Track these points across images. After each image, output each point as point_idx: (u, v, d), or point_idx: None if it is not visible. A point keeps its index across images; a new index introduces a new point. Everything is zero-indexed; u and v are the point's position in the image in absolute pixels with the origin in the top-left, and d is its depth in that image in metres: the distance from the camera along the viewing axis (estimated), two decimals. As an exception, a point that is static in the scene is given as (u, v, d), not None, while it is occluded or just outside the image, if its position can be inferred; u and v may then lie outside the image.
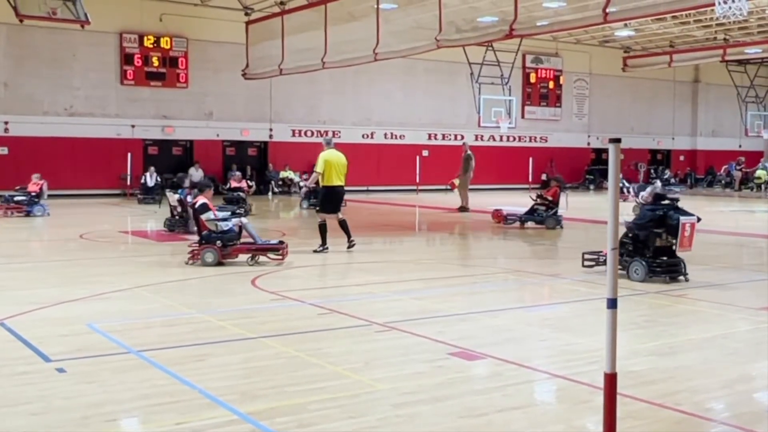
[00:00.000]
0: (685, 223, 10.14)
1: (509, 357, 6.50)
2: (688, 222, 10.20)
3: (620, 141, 4.09)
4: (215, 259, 11.55)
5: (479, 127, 34.94)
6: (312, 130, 32.28)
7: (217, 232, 11.77)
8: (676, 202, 10.66)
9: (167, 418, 4.98)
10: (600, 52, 37.86)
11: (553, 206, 17.80)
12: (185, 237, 15.05)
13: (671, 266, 10.37)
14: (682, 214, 10.33)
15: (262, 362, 6.38)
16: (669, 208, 10.43)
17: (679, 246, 10.20)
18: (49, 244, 14.71)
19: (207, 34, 29.48)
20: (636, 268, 10.32)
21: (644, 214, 10.56)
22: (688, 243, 10.19)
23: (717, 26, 30.54)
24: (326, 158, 13.26)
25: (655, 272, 10.22)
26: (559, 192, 18.08)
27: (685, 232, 10.14)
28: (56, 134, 27.37)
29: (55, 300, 8.78)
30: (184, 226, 15.55)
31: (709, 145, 43.25)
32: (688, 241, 10.18)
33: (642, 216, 10.62)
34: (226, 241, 11.72)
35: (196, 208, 11.99)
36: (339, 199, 13.60)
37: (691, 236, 10.18)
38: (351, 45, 22.42)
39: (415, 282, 10.96)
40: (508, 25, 18.41)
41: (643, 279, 10.17)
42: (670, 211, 10.33)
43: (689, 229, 10.16)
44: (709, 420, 5.17)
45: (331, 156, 13.32)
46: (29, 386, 5.63)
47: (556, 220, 17.64)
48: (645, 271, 10.19)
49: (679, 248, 10.22)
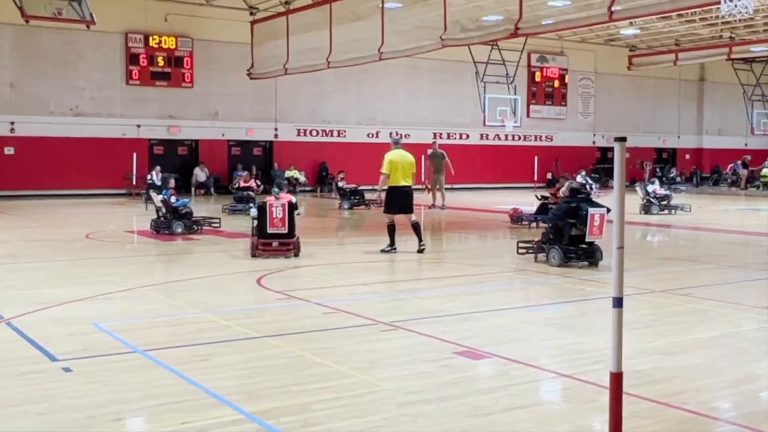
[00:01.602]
0: (593, 214, 11.29)
1: (515, 356, 6.50)
2: (597, 213, 11.36)
3: (626, 140, 4.08)
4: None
5: (484, 126, 34.92)
6: (317, 129, 32.30)
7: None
8: (588, 196, 12.21)
9: (173, 418, 4.99)
10: (605, 50, 37.79)
11: None
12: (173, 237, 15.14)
13: (586, 252, 11.56)
14: (593, 206, 11.52)
15: (268, 362, 6.39)
16: (582, 201, 11.63)
17: (589, 234, 11.31)
18: (55, 244, 14.75)
19: (212, 34, 29.51)
20: (553, 254, 11.59)
21: (560, 207, 11.81)
22: (597, 231, 11.36)
23: (723, 24, 30.45)
24: (391, 158, 12.96)
25: (569, 258, 11.44)
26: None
27: (594, 222, 11.29)
28: (62, 134, 27.43)
29: (61, 300, 8.80)
30: (168, 227, 15.54)
31: (715, 143, 43.14)
32: (598, 229, 11.34)
33: (558, 208, 11.90)
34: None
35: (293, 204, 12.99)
36: (404, 200, 13.12)
37: (601, 225, 11.32)
38: (356, 45, 22.42)
39: (420, 281, 10.96)
40: (513, 24, 18.38)
41: (559, 264, 11.38)
42: (582, 204, 11.50)
43: (598, 219, 11.32)
44: (714, 419, 5.16)
45: (395, 156, 13.01)
46: (35, 386, 5.65)
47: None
48: (560, 256, 11.39)
49: (589, 236, 11.32)
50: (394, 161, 12.95)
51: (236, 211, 20.67)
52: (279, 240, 12.46)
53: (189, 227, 15.67)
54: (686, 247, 15.81)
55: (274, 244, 12.45)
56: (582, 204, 11.55)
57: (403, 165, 13.00)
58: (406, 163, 13.05)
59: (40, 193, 26.45)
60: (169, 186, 16.24)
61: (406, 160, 13.07)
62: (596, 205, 11.63)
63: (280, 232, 12.39)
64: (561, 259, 11.35)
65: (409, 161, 13.11)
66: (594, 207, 11.50)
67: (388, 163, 12.93)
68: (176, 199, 15.83)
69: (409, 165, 13.10)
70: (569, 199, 11.81)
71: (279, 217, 12.40)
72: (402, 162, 13.01)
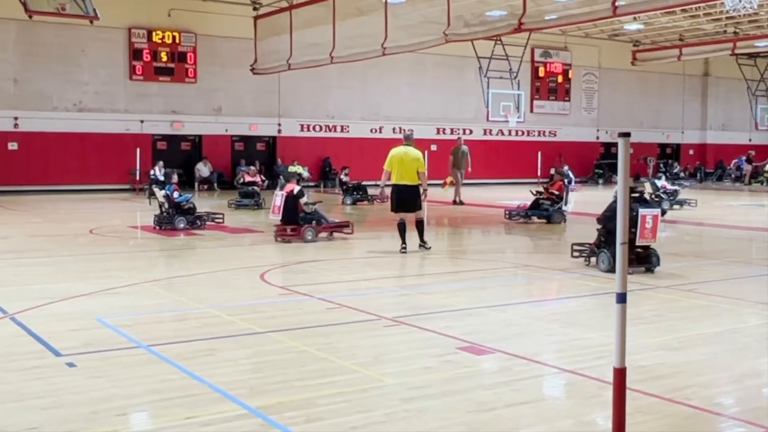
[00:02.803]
0: (645, 215, 10.37)
1: (518, 352, 6.50)
2: (650, 214, 10.46)
3: (629, 135, 4.07)
4: (314, 236, 13.78)
5: (488, 122, 34.88)
6: (320, 124, 32.28)
7: (310, 213, 14.01)
8: (642, 195, 11.13)
9: (177, 413, 5.00)
10: (609, 45, 37.71)
11: (558, 200, 17.53)
12: (176, 233, 15.15)
13: (640, 258, 10.60)
14: (646, 206, 10.67)
15: (271, 357, 6.39)
16: (633, 201, 10.51)
17: (640, 237, 10.36)
18: (58, 239, 14.76)
19: (215, 30, 29.49)
20: (602, 258, 10.73)
21: (610, 207, 10.83)
22: (650, 234, 10.44)
23: (727, 19, 30.36)
24: (391, 155, 12.65)
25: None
26: (563, 186, 17.86)
27: (646, 224, 10.37)
28: (66, 130, 27.46)
29: (65, 295, 8.82)
30: (170, 222, 15.55)
31: (719, 139, 43.05)
32: (651, 232, 10.42)
33: (607, 209, 10.92)
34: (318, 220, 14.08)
35: (295, 194, 13.85)
36: (402, 198, 12.63)
37: (654, 228, 10.42)
38: (359, 40, 22.38)
39: (423, 277, 10.96)
40: (517, 20, 18.33)
41: (607, 269, 10.42)
42: (633, 204, 10.35)
43: (651, 221, 10.40)
44: (718, 415, 5.16)
45: (396, 152, 12.63)
46: (40, 381, 5.66)
47: (562, 214, 17.45)
48: (609, 261, 10.45)
49: (640, 239, 10.38)
50: (393, 158, 12.63)
51: (242, 206, 20.70)
52: (288, 227, 13.80)
53: (192, 222, 15.68)
54: (690, 243, 15.79)
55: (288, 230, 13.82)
56: (633, 204, 10.37)
57: (402, 162, 12.54)
58: (407, 160, 12.56)
59: (44, 189, 26.49)
60: (172, 181, 16.25)
61: (407, 157, 12.58)
62: (649, 206, 10.95)
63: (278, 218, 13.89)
64: (609, 264, 10.44)
65: (411, 158, 12.57)
66: (646, 207, 10.70)
67: (388, 159, 12.70)
68: (179, 195, 15.85)
69: (411, 162, 12.56)
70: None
71: (277, 205, 13.95)
72: (399, 159, 12.57)
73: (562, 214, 17.46)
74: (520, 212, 18.09)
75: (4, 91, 26.72)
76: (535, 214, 17.68)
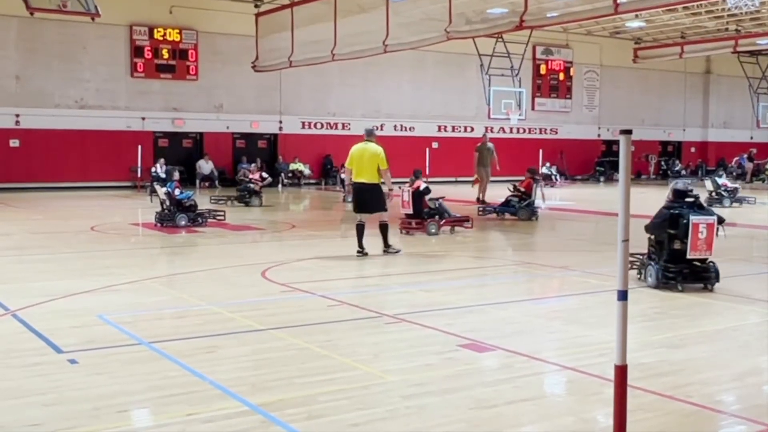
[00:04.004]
0: (697, 224, 8.97)
1: (519, 349, 6.50)
2: (703, 222, 9.02)
3: (631, 132, 4.05)
4: (437, 229, 14.79)
5: (489, 119, 34.84)
6: (322, 122, 32.28)
7: (434, 208, 15.03)
8: (697, 200, 9.54)
9: (178, 410, 5.00)
10: (611, 43, 37.66)
11: (526, 198, 18.07)
12: (177, 230, 15.15)
13: (695, 272, 9.27)
14: (699, 213, 9.20)
15: (272, 354, 6.40)
16: (688, 207, 9.29)
17: (692, 249, 9.03)
18: (60, 236, 14.77)
19: (217, 27, 29.49)
20: (650, 272, 9.45)
21: (660, 213, 9.48)
22: (704, 246, 9.04)
23: (729, 17, 30.31)
24: (350, 151, 12.10)
25: (668, 278, 9.19)
26: (532, 184, 18.31)
27: (699, 234, 8.95)
28: (67, 127, 27.46)
29: (67, 291, 8.83)
30: (171, 219, 15.55)
31: (721, 136, 43.01)
32: (705, 244, 9.03)
33: (657, 215, 9.55)
34: (441, 214, 15.07)
35: (421, 191, 14.79)
36: (361, 198, 12.06)
37: (709, 239, 9.03)
38: (360, 37, 22.36)
39: (424, 274, 10.96)
40: (518, 17, 18.31)
41: (655, 285, 9.26)
42: (685, 210, 9.22)
43: (704, 231, 8.96)
44: (719, 412, 5.16)
45: (355, 149, 12.06)
46: (41, 377, 5.67)
47: (531, 211, 17.92)
48: (656, 276, 9.27)
49: (691, 251, 9.05)
50: (352, 154, 11.98)
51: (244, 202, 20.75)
52: (413, 220, 14.94)
53: (193, 220, 15.69)
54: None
55: (413, 223, 14.97)
56: (684, 210, 9.22)
57: (361, 159, 11.84)
58: (366, 157, 11.80)
59: (45, 186, 26.50)
60: (173, 179, 16.26)
61: (366, 153, 11.83)
62: (704, 212, 9.36)
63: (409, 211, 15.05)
64: (656, 278, 9.23)
65: (370, 154, 11.79)
66: (699, 214, 9.19)
67: (348, 156, 12.09)
68: (180, 192, 15.86)
69: (370, 159, 11.78)
70: (672, 204, 9.43)
71: (405, 200, 15.03)
72: (361, 155, 11.86)
73: (529, 210, 17.88)
74: (488, 209, 19.00)
75: (6, 89, 26.72)
76: (503, 211, 18.20)
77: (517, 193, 18.25)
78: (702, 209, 9.43)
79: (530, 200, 18.01)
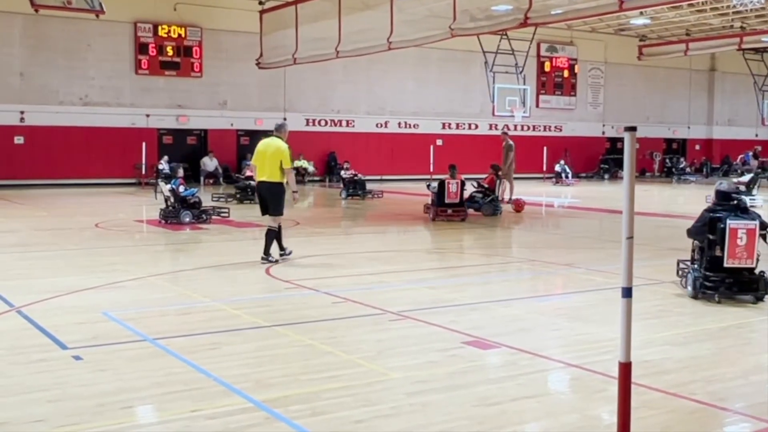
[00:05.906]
0: (736, 229, 8.17)
1: (523, 346, 6.50)
2: (742, 227, 8.18)
3: (636, 130, 4.04)
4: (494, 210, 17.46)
5: (493, 117, 34.79)
6: (326, 119, 32.28)
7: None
8: (739, 203, 8.73)
9: (182, 406, 5.01)
10: (615, 40, 37.60)
11: (490, 193, 18.56)
12: (181, 227, 15.17)
13: (740, 282, 8.42)
14: (738, 218, 8.35)
15: (276, 350, 6.41)
16: (730, 210, 8.50)
17: (729, 256, 8.24)
18: (64, 233, 14.80)
19: (221, 24, 29.51)
20: (689, 280, 8.73)
21: (702, 217, 8.71)
22: (744, 253, 8.20)
23: (734, 14, 30.25)
24: (256, 148, 11.08)
25: (706, 287, 8.43)
26: (495, 180, 18.82)
27: (738, 240, 8.15)
28: (71, 124, 27.51)
29: (71, 288, 8.85)
30: (176, 216, 15.56)
31: (725, 134, 42.93)
32: (745, 251, 8.19)
33: (698, 219, 8.80)
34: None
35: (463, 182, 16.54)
36: (261, 198, 11.01)
37: (750, 245, 8.18)
38: (364, 34, 22.34)
39: (428, 271, 10.96)
40: (523, 14, 18.28)
41: (693, 295, 8.54)
42: (723, 213, 8.45)
43: (744, 237, 8.15)
44: (723, 410, 5.16)
45: (259, 144, 11.02)
46: (46, 373, 5.68)
47: (494, 207, 18.30)
48: (693, 284, 8.57)
49: (729, 259, 8.26)
50: (257, 151, 10.97)
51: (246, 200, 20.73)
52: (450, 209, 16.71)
53: (197, 216, 15.70)
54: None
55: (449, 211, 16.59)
56: (722, 213, 8.42)
57: (264, 155, 10.77)
58: (268, 154, 10.72)
59: (50, 182, 26.56)
60: (178, 175, 16.27)
61: (269, 150, 10.76)
62: (745, 216, 8.43)
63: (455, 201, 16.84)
64: (694, 287, 8.52)
65: (272, 151, 10.71)
66: (738, 219, 8.31)
67: (254, 152, 11.12)
68: (184, 189, 15.87)
69: (272, 156, 10.67)
70: (715, 207, 8.66)
71: (453, 191, 16.69)
72: (264, 152, 10.80)
73: (493, 206, 18.26)
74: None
75: (11, 86, 26.77)
76: (468, 207, 18.22)
77: (481, 189, 18.73)
78: (745, 212, 8.55)
79: (493, 196, 18.55)
